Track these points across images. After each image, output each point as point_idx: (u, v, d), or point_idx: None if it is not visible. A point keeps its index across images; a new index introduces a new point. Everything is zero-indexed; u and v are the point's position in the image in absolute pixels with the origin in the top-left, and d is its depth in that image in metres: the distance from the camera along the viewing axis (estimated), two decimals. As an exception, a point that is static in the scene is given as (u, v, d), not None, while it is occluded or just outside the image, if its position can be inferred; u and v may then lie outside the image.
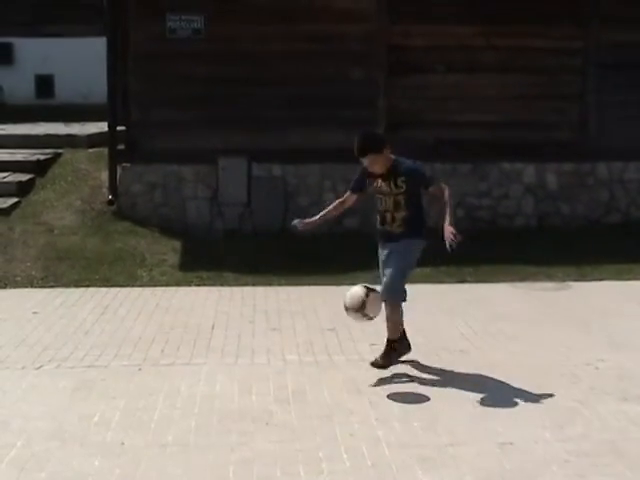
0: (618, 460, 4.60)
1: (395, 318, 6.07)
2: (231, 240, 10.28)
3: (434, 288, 8.63)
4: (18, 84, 18.58)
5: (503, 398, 5.54)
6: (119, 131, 10.78)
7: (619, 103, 10.96)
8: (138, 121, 10.68)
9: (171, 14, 10.57)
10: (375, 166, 5.92)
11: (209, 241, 10.24)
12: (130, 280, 8.86)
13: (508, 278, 8.94)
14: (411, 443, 4.83)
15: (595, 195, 11.18)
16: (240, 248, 9.79)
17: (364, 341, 6.77)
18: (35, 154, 11.93)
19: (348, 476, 4.43)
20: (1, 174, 11.18)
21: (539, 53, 10.94)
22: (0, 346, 6.64)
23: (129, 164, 10.73)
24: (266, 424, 5.11)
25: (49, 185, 11.26)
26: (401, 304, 6.05)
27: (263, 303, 7.93)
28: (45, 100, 18.48)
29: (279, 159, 10.64)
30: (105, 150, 11.10)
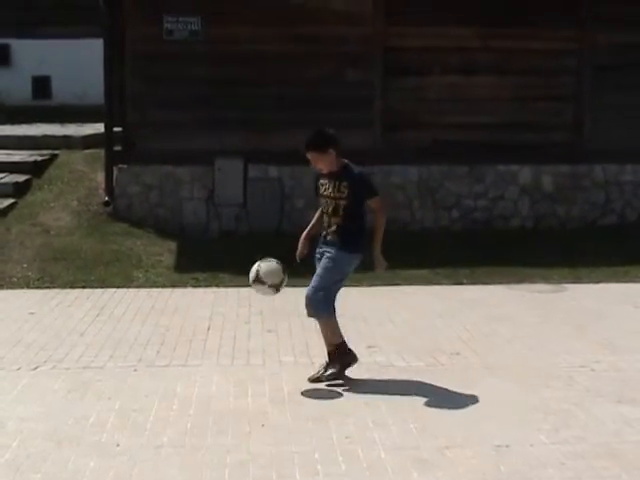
0: (614, 462, 4.60)
1: (325, 332, 5.87)
2: (227, 241, 10.28)
3: (430, 290, 8.65)
4: (15, 85, 18.52)
5: (499, 400, 5.55)
6: (115, 132, 10.79)
7: (615, 105, 10.99)
8: (134, 122, 10.68)
9: (168, 15, 10.57)
10: (318, 164, 5.79)
11: (205, 242, 10.24)
12: (126, 281, 8.85)
13: (504, 280, 8.95)
14: (407, 445, 4.84)
15: (591, 197, 11.21)
16: (236, 249, 9.77)
17: (360, 343, 6.76)
18: (32, 155, 11.92)
19: (344, 478, 4.44)
20: (-2, 175, 11.18)
21: (535, 55, 10.96)
22: (-4, 347, 6.64)
23: (125, 165, 10.74)
24: (262, 426, 5.12)
25: (46, 186, 11.26)
26: (328, 316, 5.80)
27: (259, 304, 7.93)
28: (42, 101, 18.42)
29: (275, 160, 10.64)
30: (101, 151, 11.11)
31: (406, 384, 5.87)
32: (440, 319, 7.55)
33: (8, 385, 5.82)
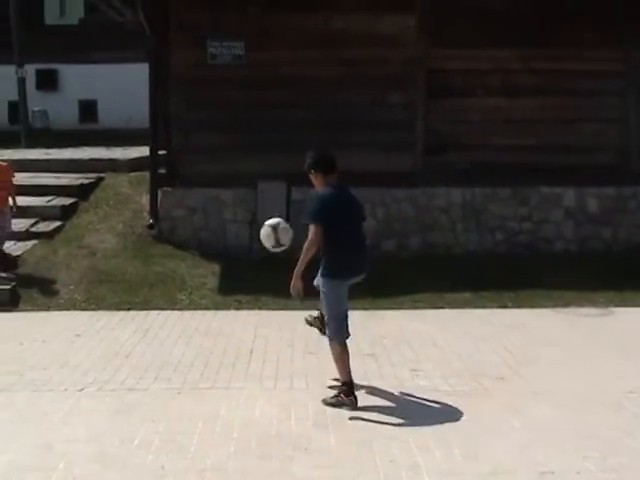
0: (663, 491, 4.52)
1: (335, 358, 5.98)
2: (270, 263, 10.29)
3: (474, 313, 8.58)
4: (63, 109, 18.91)
5: (544, 426, 5.48)
6: (160, 155, 10.91)
7: (661, 126, 10.87)
8: (179, 145, 10.80)
9: (212, 40, 10.69)
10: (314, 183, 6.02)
11: (248, 264, 10.27)
12: (170, 303, 8.93)
13: (549, 303, 8.86)
14: (451, 471, 4.79)
15: (637, 219, 11.04)
16: (279, 271, 9.75)
17: (404, 366, 6.75)
18: (79, 178, 12.12)
19: (388, 503, 4.41)
20: (46, 198, 11.37)
21: (579, 76, 10.87)
22: (44, 368, 6.73)
23: (170, 188, 10.85)
24: (305, 449, 5.11)
25: (92, 209, 11.43)
26: (340, 344, 5.91)
27: (301, 327, 7.92)
28: (88, 125, 18.79)
29: (318, 183, 10.64)
30: (146, 174, 11.26)
31: (450, 408, 5.83)
32: (484, 342, 7.48)
33: (55, 406, 5.89)
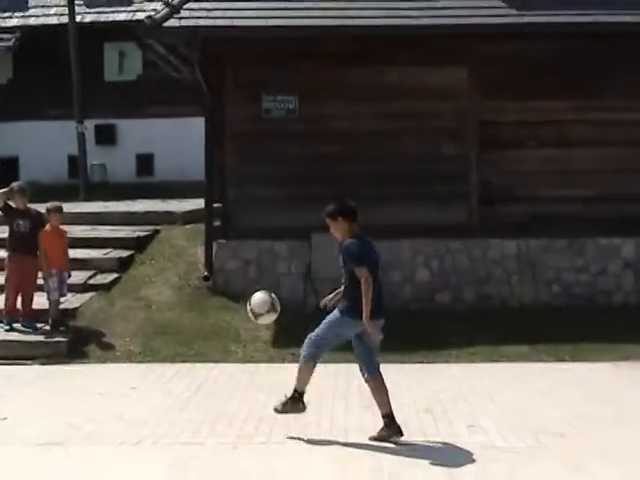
0: None
1: (300, 374, 6.39)
2: (324, 316, 10.27)
3: (531, 367, 8.44)
4: (120, 163, 19.33)
5: (607, 486, 5.33)
6: (215, 208, 11.05)
7: None
8: (234, 198, 10.93)
9: (266, 95, 10.86)
10: (333, 231, 6.46)
11: (302, 317, 10.25)
12: (224, 356, 8.97)
13: (609, 357, 8.68)
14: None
15: (698, 271, 10.81)
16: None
17: (460, 422, 6.65)
18: (135, 231, 12.32)
19: None
20: (103, 250, 11.57)
21: (632, 126, 10.78)
22: (100, 421, 6.78)
23: (224, 240, 10.95)
24: (361, 507, 5.04)
25: (148, 261, 11.58)
26: (305, 362, 6.36)
27: (356, 380, 7.86)
28: (145, 178, 19.14)
29: (372, 235, 10.61)
30: (201, 226, 11.39)
31: (509, 466, 5.71)
32: (542, 398, 7.34)
33: (110, 460, 5.92)
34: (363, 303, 6.06)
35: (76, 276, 10.28)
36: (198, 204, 12.18)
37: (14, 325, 9.43)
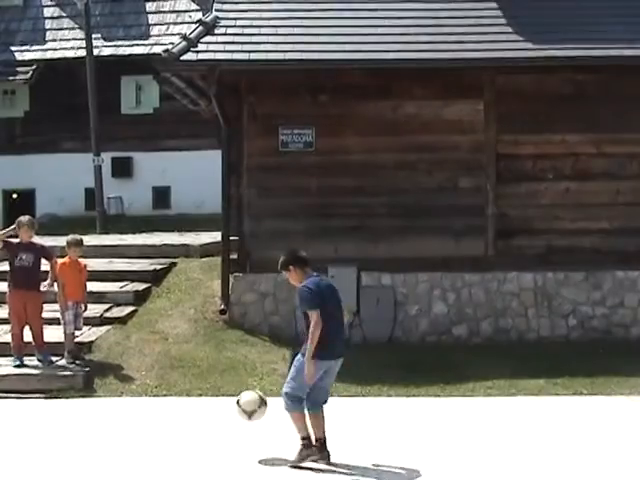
0: None
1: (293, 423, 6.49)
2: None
3: (548, 400, 8.37)
4: (137, 196, 19.46)
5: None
6: (232, 240, 11.06)
7: None
8: (250, 231, 10.95)
9: (283, 128, 10.92)
10: (290, 279, 6.76)
11: (318, 350, 10.24)
12: (241, 389, 8.88)
13: (626, 391, 8.60)
14: None
15: None
16: (349, 357, 9.68)
17: (475, 459, 6.57)
18: (152, 263, 12.32)
19: None
20: (120, 283, 11.57)
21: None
22: (114, 459, 6.74)
23: (241, 273, 10.96)
24: None
25: (164, 294, 11.57)
26: (291, 414, 6.46)
27: (373, 415, 7.84)
28: (161, 211, 19.24)
29: (388, 268, 10.67)
30: (217, 259, 11.41)
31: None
32: (559, 434, 7.26)
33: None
34: (308, 345, 6.24)
35: (92, 309, 10.29)
36: (215, 237, 12.22)
37: (24, 360, 9.26)
